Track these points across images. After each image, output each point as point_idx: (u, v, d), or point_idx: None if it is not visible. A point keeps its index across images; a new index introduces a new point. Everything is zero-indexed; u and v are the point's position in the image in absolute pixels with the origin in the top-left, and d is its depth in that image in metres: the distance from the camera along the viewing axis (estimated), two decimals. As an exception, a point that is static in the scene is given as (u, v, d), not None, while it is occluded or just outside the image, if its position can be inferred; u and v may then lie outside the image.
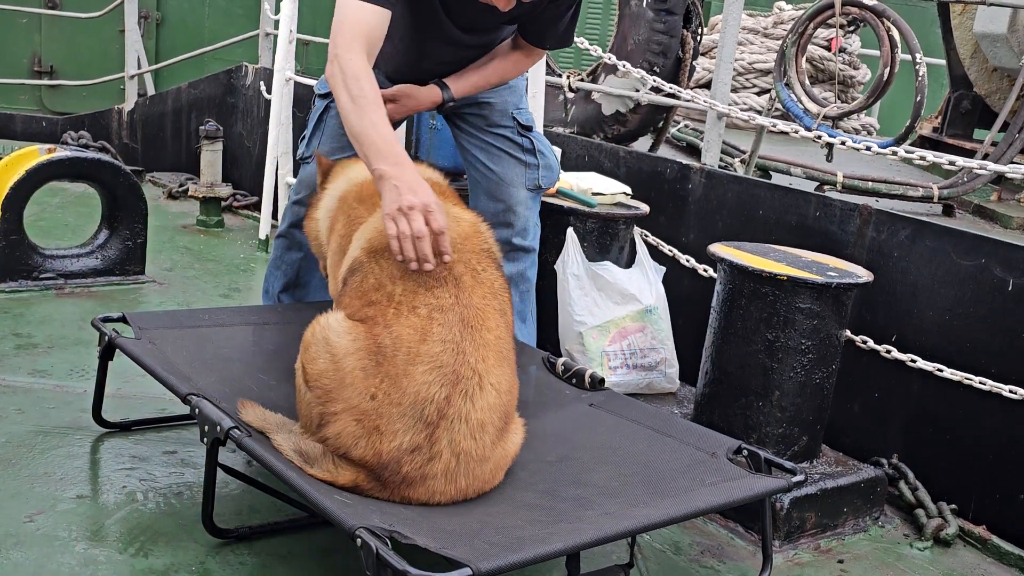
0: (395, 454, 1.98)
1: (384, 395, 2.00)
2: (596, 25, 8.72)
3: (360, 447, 2.00)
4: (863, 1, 3.82)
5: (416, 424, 1.98)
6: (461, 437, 2.01)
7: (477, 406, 2.03)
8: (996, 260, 2.85)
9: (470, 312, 2.09)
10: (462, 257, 2.17)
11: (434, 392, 1.99)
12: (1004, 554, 2.71)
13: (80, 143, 6.63)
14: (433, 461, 1.99)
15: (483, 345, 2.07)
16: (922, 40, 3.86)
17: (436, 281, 2.10)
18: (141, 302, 4.08)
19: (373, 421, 1.99)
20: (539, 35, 2.72)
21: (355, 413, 2.01)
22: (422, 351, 2.02)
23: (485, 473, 2.08)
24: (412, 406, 1.98)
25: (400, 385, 2.00)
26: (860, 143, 3.49)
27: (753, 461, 2.29)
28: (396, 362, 2.01)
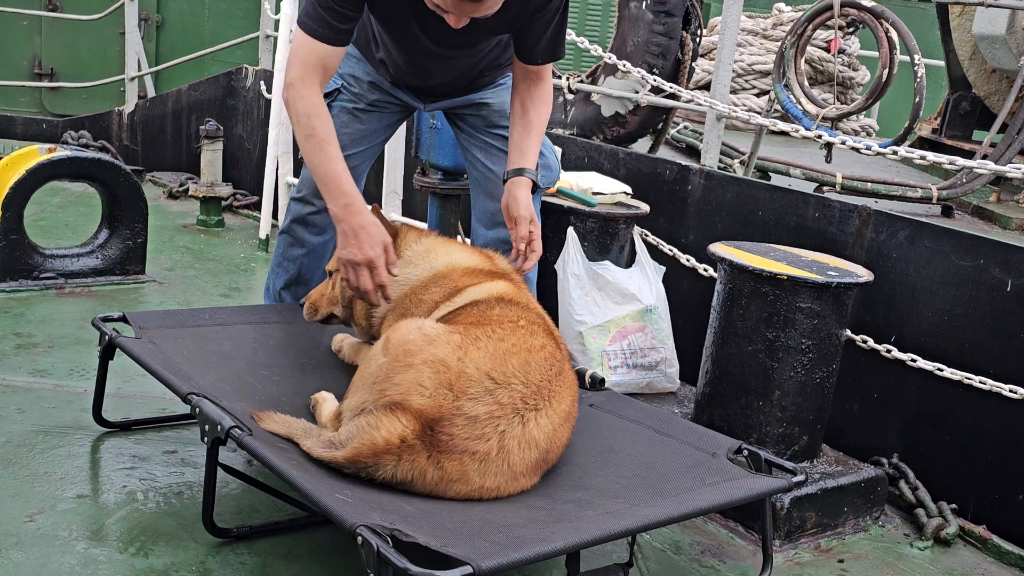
0: (453, 413, 1.99)
1: (472, 361, 2.04)
2: (596, 26, 8.73)
3: (425, 396, 2.00)
4: (862, 3, 3.83)
5: (485, 396, 2.02)
6: (513, 435, 2.05)
7: (539, 424, 2.09)
8: (995, 261, 2.85)
9: (568, 377, 2.24)
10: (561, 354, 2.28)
11: (516, 384, 2.06)
12: (1004, 554, 2.71)
13: (80, 143, 6.64)
14: (480, 440, 2.01)
15: (564, 398, 2.18)
16: (921, 41, 3.86)
17: (554, 347, 2.26)
18: (141, 302, 4.09)
19: (450, 378, 2.02)
20: (528, 51, 2.67)
21: (436, 365, 2.03)
22: (524, 356, 2.11)
23: (508, 487, 2.10)
24: (493, 381, 2.03)
25: (493, 360, 2.06)
26: (859, 144, 3.49)
27: (753, 461, 2.30)
28: (500, 346, 2.09)
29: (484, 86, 2.92)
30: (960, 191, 4.55)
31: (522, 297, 2.41)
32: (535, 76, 2.71)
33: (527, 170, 2.66)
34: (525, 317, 2.27)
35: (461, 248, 2.59)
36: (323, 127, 2.44)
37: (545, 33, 2.62)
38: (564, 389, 2.19)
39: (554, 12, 2.59)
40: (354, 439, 2.02)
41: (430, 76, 2.82)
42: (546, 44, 2.65)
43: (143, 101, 7.19)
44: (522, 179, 2.67)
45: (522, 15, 2.55)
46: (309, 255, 3.06)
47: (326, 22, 2.45)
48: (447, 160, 3.45)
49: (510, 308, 2.29)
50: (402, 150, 4.47)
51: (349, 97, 2.92)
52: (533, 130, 2.69)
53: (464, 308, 2.32)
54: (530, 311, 2.34)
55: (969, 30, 5.34)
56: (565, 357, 2.29)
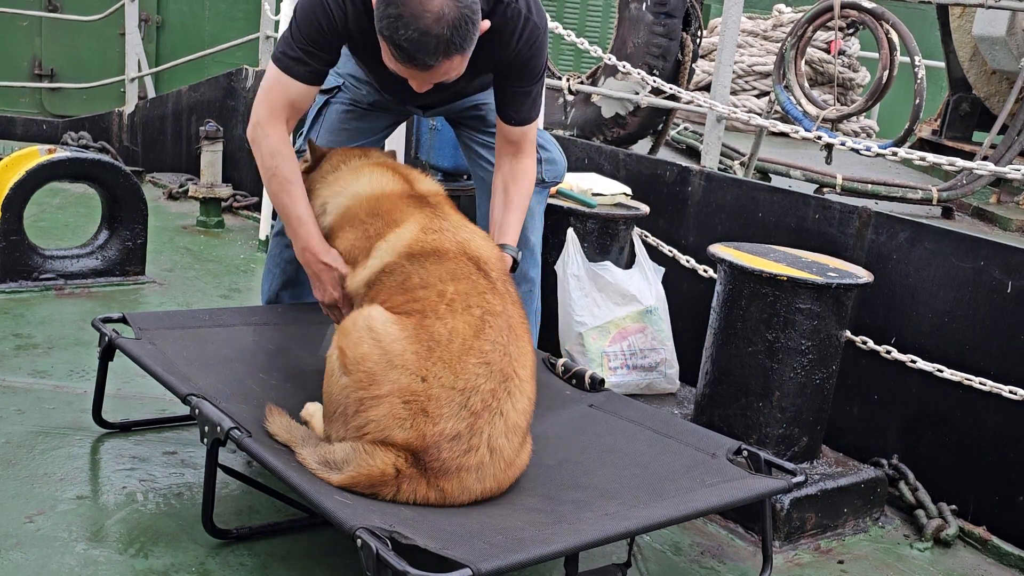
0: (437, 439, 2.01)
1: (435, 378, 2.03)
2: (596, 28, 8.73)
3: (405, 429, 2.01)
4: (862, 4, 3.83)
5: (460, 411, 2.02)
6: (498, 434, 2.06)
7: (515, 408, 2.10)
8: (995, 262, 2.85)
9: (514, 322, 2.18)
10: (499, 275, 2.27)
11: (482, 384, 2.05)
12: (1004, 555, 2.71)
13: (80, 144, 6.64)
14: (469, 453, 2.03)
15: (524, 354, 2.17)
16: (921, 43, 3.87)
17: (485, 289, 2.19)
18: (141, 302, 4.08)
19: (422, 403, 2.02)
20: (501, 108, 2.64)
21: (404, 394, 2.03)
22: (475, 345, 2.08)
23: (507, 475, 2.12)
24: (462, 392, 2.03)
25: (454, 370, 2.04)
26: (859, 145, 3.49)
27: (753, 462, 2.30)
28: (451, 349, 2.07)
29: (480, 89, 2.92)
30: (960, 192, 4.55)
31: (434, 239, 2.28)
32: (515, 149, 2.67)
33: (507, 247, 2.62)
34: (449, 280, 2.18)
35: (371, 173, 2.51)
36: (286, 167, 2.48)
37: (524, 101, 2.60)
38: (519, 344, 2.16)
39: (531, 84, 2.57)
40: (350, 464, 2.02)
41: (417, 103, 2.85)
42: (517, 110, 2.61)
43: (143, 102, 7.19)
44: (504, 256, 2.61)
45: (485, 68, 2.52)
46: None
47: (303, 61, 2.45)
48: (447, 161, 3.46)
49: (429, 270, 2.21)
50: (402, 150, 4.47)
51: (349, 97, 2.93)
52: (514, 207, 2.66)
53: (382, 278, 2.27)
54: (446, 261, 2.23)
55: (969, 31, 5.34)
56: (498, 290, 2.21)
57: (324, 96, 2.95)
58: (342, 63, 3.00)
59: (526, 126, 2.65)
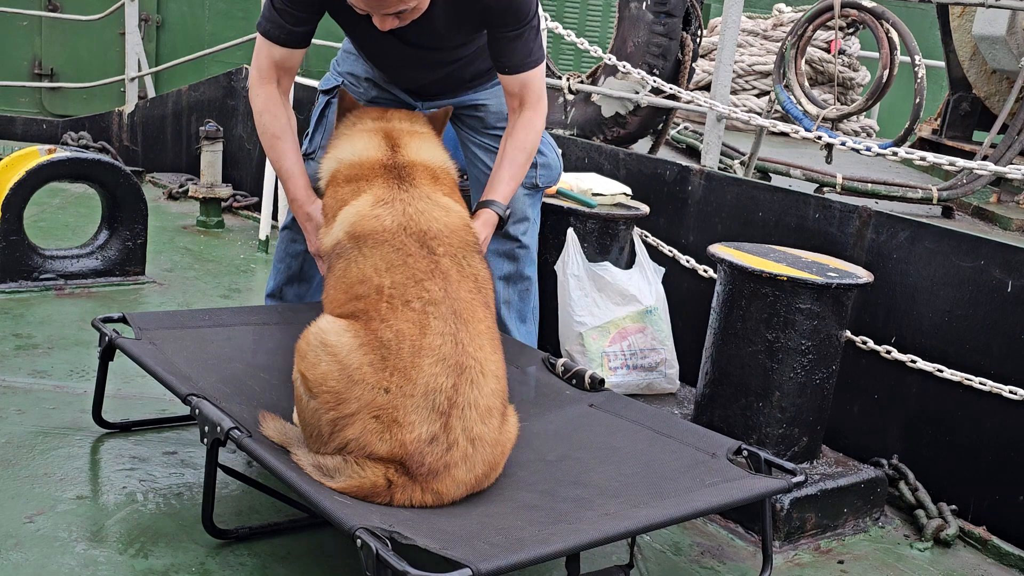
0: (417, 444, 2.01)
1: (397, 388, 2.03)
2: (596, 27, 8.73)
3: (385, 442, 2.01)
4: (862, 3, 3.83)
5: (430, 414, 2.02)
6: (473, 423, 2.06)
7: (483, 393, 2.09)
8: (995, 262, 2.85)
9: (460, 305, 2.15)
10: (448, 250, 2.23)
11: (442, 382, 2.04)
12: (1004, 555, 2.71)
13: (80, 144, 6.64)
14: (452, 450, 2.03)
15: (478, 335, 2.14)
16: (921, 42, 3.86)
17: (424, 274, 2.16)
18: (141, 302, 4.08)
19: (391, 414, 2.02)
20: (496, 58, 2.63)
21: (372, 409, 2.02)
22: (424, 344, 2.06)
23: (496, 456, 2.13)
24: (424, 396, 2.02)
25: (410, 377, 2.03)
26: (859, 144, 3.49)
27: (753, 462, 2.30)
28: (403, 355, 2.05)
29: (478, 87, 2.92)
30: (960, 192, 4.54)
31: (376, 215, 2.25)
32: (517, 103, 2.66)
33: (493, 203, 2.61)
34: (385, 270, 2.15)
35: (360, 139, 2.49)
36: (273, 123, 2.61)
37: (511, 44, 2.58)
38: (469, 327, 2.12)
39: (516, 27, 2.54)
40: (342, 474, 2.03)
41: (405, 76, 2.83)
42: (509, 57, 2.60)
43: (143, 102, 7.18)
44: (484, 211, 2.62)
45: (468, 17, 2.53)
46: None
47: (279, 23, 2.54)
48: (447, 160, 3.45)
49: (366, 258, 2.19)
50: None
51: None
52: (506, 161, 2.64)
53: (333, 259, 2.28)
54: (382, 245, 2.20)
55: (969, 31, 5.34)
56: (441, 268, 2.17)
57: (325, 96, 2.97)
58: (342, 61, 3.01)
59: (520, 74, 2.60)
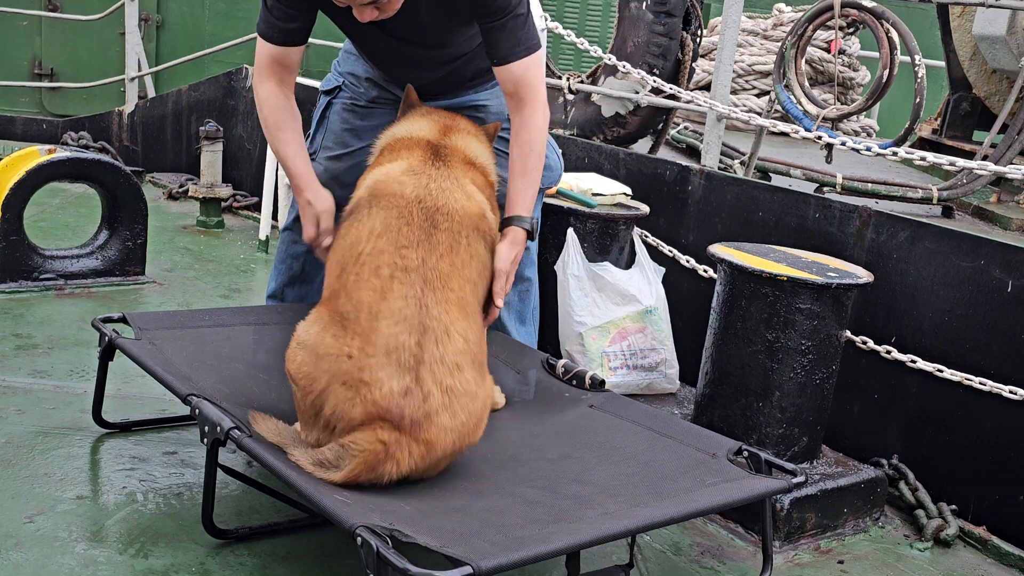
0: (391, 399, 2.03)
1: (359, 351, 2.07)
2: (596, 27, 8.73)
3: (358, 405, 2.04)
4: (862, 3, 3.83)
5: (398, 370, 2.05)
6: (443, 376, 2.08)
7: (448, 351, 2.11)
8: (995, 261, 2.85)
9: (434, 275, 2.17)
10: (452, 227, 2.25)
11: (403, 340, 2.07)
12: (1004, 555, 2.71)
13: (80, 144, 6.64)
14: (428, 400, 2.05)
15: (445, 300, 2.15)
16: (921, 42, 3.86)
17: (409, 242, 2.19)
18: (141, 303, 4.09)
19: (357, 376, 2.05)
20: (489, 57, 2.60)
21: (339, 377, 2.07)
22: (383, 308, 2.10)
23: (478, 408, 2.15)
24: (387, 355, 2.05)
25: (370, 340, 2.07)
26: (859, 144, 3.49)
27: (753, 462, 2.30)
28: (361, 321, 2.09)
29: (479, 86, 2.92)
30: (960, 192, 4.54)
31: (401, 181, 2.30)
32: (516, 102, 2.61)
33: (516, 219, 2.54)
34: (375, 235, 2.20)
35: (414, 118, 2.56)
36: (272, 115, 2.65)
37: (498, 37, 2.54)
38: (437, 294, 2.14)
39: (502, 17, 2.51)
40: (344, 459, 2.04)
41: (403, 75, 2.82)
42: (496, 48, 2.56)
43: (143, 102, 7.18)
44: (509, 229, 2.53)
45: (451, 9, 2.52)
46: (311, 252, 3.07)
47: (271, 22, 2.58)
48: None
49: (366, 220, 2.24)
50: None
51: (350, 95, 2.95)
52: (516, 173, 2.59)
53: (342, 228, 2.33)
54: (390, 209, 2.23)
55: (969, 31, 5.34)
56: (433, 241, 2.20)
57: (327, 97, 2.97)
58: (343, 61, 3.01)
59: (510, 64, 2.54)
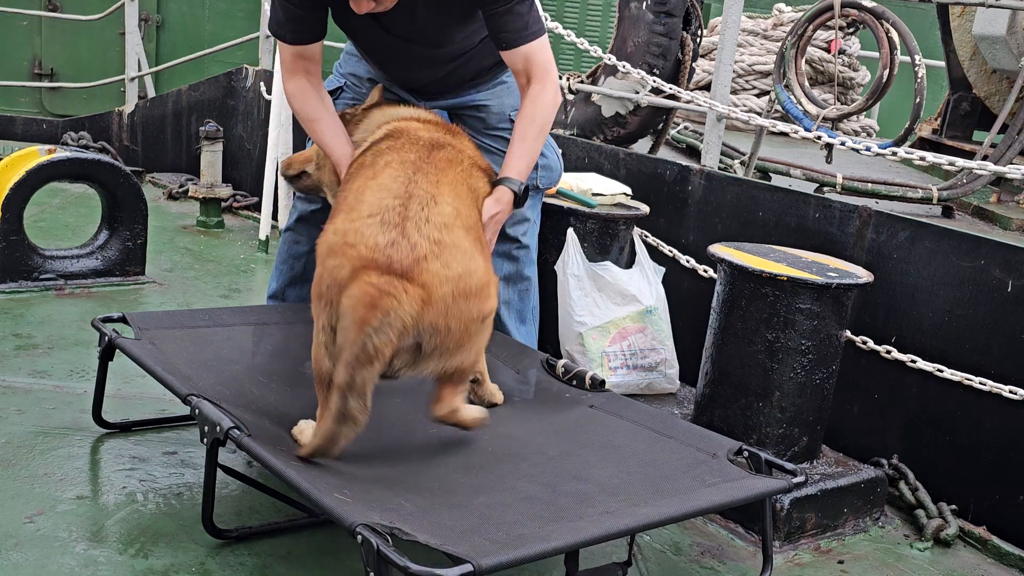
0: (377, 249, 2.06)
1: (344, 222, 2.14)
2: (596, 27, 8.73)
3: (345, 265, 2.07)
4: (862, 3, 3.82)
5: (382, 227, 2.09)
6: (431, 230, 2.11)
7: (435, 212, 2.15)
8: (995, 261, 2.85)
9: (428, 167, 2.25)
10: (452, 154, 2.33)
11: (387, 203, 2.14)
12: (1004, 555, 2.71)
13: (80, 144, 6.63)
14: (416, 248, 2.07)
15: (436, 183, 2.22)
16: (921, 42, 3.86)
17: (410, 152, 2.29)
18: (141, 303, 4.09)
19: (342, 242, 2.10)
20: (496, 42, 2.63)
21: (329, 252, 2.12)
22: (371, 184, 2.19)
23: (478, 270, 2.15)
24: (370, 216, 2.11)
25: (356, 209, 2.15)
26: (859, 144, 3.49)
27: (753, 462, 2.30)
28: (348, 199, 2.18)
29: (481, 85, 2.92)
30: (960, 192, 4.54)
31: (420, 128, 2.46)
32: (525, 80, 2.64)
33: (507, 180, 2.57)
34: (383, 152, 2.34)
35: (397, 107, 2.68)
36: (306, 107, 2.66)
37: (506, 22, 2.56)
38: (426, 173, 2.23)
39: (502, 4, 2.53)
40: (345, 320, 2.03)
41: (404, 75, 2.84)
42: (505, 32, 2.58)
43: (143, 102, 7.18)
44: (498, 188, 2.57)
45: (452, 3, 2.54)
46: (312, 253, 3.06)
47: (283, 23, 2.62)
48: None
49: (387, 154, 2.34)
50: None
51: (352, 96, 2.96)
52: (517, 137, 2.62)
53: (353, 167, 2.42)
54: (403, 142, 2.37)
55: (969, 31, 5.34)
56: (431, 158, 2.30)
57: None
58: (344, 63, 3.01)
59: (519, 48, 2.58)
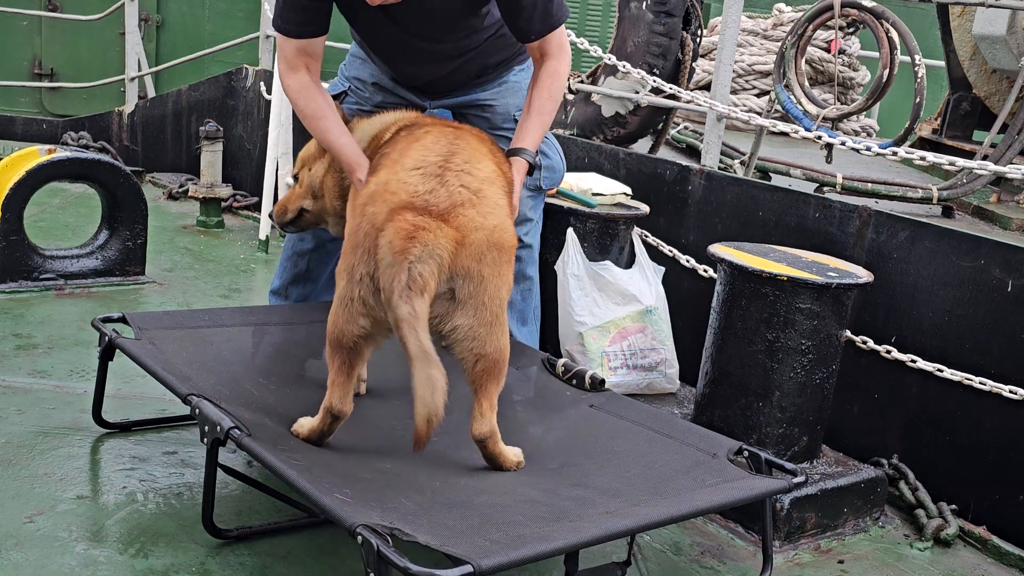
0: (416, 195, 2.11)
1: (387, 174, 2.19)
2: (596, 27, 8.73)
3: (384, 210, 2.10)
4: (862, 3, 3.83)
5: (423, 178, 2.15)
6: (471, 181, 2.17)
7: (477, 167, 2.22)
8: (995, 261, 2.85)
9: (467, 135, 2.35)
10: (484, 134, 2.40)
11: (431, 158, 2.19)
12: (1004, 554, 2.71)
13: (80, 144, 6.64)
14: (454, 195, 2.12)
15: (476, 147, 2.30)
16: (921, 42, 3.86)
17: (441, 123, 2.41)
18: (141, 302, 4.09)
19: (385, 190, 2.15)
20: (515, 31, 2.65)
21: (368, 203, 2.15)
22: (414, 145, 2.25)
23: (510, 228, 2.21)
24: (414, 168, 2.16)
25: (399, 163, 2.20)
26: (859, 144, 3.49)
27: (754, 462, 2.30)
28: (392, 156, 2.24)
29: (486, 84, 2.92)
30: (960, 192, 4.54)
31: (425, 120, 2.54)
32: (540, 55, 2.66)
33: (523, 151, 2.61)
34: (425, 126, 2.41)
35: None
36: (311, 105, 2.58)
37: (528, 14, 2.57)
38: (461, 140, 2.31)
39: None
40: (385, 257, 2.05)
41: (410, 71, 2.83)
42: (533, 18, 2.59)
43: (143, 102, 7.18)
44: (513, 158, 2.60)
45: None
46: (317, 251, 3.08)
47: (289, 18, 2.58)
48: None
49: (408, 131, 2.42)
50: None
51: (355, 100, 2.97)
52: (533, 111, 2.65)
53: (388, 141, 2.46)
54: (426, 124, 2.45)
55: (969, 31, 5.34)
56: None
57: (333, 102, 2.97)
58: (348, 66, 3.02)
59: (545, 36, 2.62)
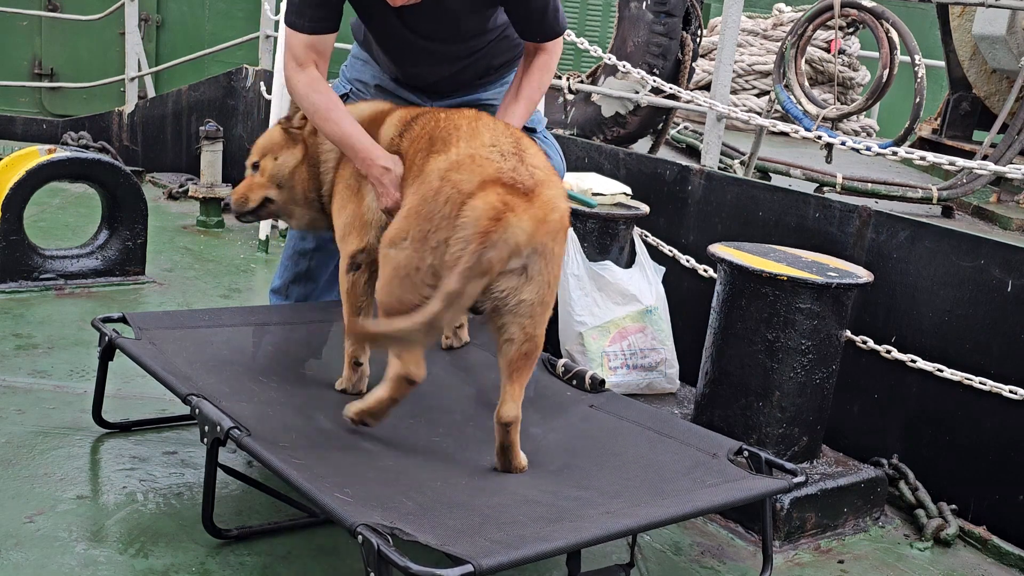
0: (503, 172, 2.17)
1: (467, 147, 2.23)
2: (596, 27, 8.73)
3: (475, 179, 2.16)
4: (862, 3, 3.83)
5: (503, 157, 2.22)
6: (544, 164, 2.28)
7: (540, 155, 2.31)
8: (995, 261, 2.85)
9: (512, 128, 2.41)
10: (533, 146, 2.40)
11: (502, 139, 2.27)
12: (1004, 554, 2.71)
13: (80, 143, 6.63)
14: (535, 175, 2.20)
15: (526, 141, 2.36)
16: (921, 42, 3.86)
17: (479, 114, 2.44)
18: (141, 302, 4.08)
19: (468, 157, 2.21)
20: (522, 32, 2.68)
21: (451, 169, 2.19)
22: (478, 124, 2.33)
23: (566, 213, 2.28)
24: (492, 146, 2.24)
25: (476, 138, 2.26)
26: (859, 144, 3.49)
27: (754, 462, 2.30)
28: (462, 131, 2.30)
29: (488, 84, 2.92)
30: (960, 192, 4.54)
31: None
32: (534, 48, 2.70)
33: None
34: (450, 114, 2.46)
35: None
36: (321, 99, 2.55)
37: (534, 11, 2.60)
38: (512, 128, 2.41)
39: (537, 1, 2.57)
40: (467, 230, 2.09)
41: (417, 71, 2.84)
42: (541, 22, 2.63)
43: (143, 102, 7.18)
44: None
45: None
46: (319, 251, 3.07)
47: (304, 13, 2.58)
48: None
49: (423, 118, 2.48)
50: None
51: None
52: (522, 96, 2.68)
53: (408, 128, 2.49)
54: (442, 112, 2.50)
55: (969, 31, 5.34)
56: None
57: None
58: (350, 68, 3.01)
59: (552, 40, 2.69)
